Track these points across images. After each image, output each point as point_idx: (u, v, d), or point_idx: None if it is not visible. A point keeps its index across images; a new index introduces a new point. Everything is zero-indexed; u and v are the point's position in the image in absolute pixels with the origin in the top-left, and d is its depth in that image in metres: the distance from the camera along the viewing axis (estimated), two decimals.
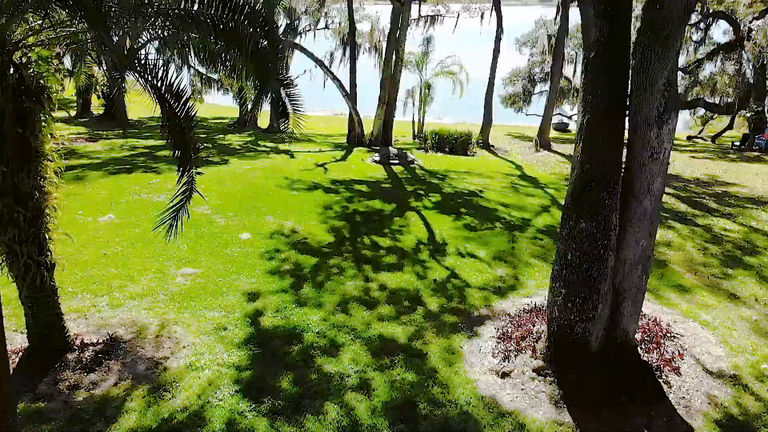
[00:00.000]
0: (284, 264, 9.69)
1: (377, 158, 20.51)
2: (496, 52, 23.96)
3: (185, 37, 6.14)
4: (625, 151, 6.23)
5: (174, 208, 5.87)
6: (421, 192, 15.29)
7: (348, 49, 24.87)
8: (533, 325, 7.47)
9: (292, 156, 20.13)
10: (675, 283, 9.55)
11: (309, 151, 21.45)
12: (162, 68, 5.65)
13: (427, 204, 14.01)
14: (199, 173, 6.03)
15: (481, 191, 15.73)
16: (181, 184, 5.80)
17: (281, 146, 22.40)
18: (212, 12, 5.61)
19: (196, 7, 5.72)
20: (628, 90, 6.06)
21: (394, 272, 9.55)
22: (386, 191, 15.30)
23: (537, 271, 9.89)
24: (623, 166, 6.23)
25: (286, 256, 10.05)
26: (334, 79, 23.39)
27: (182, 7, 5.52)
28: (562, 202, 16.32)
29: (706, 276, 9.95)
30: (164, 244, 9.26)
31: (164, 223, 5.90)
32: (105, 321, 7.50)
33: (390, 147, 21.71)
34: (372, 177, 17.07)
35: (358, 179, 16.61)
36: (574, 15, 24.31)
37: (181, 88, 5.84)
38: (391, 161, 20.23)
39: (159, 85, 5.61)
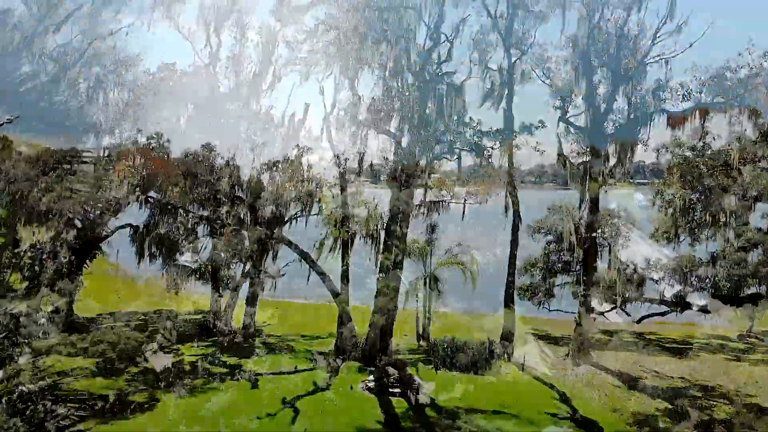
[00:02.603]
0: None
1: (371, 384, 15.34)
2: (514, 243, 20.40)
3: None
4: None
5: None
6: None
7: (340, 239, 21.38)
8: None
9: (254, 385, 14.84)
10: None
11: (281, 373, 16.21)
12: None
13: None
14: None
15: None
16: None
17: (247, 364, 17.20)
18: None
19: None
20: None
21: None
22: None
23: None
24: None
25: None
26: (322, 275, 19.47)
27: None
28: None
29: None
30: None
31: None
32: None
33: (388, 367, 16.57)
34: (361, 429, 11.67)
35: None
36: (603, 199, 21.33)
37: None
38: (390, 389, 15.04)
39: None
